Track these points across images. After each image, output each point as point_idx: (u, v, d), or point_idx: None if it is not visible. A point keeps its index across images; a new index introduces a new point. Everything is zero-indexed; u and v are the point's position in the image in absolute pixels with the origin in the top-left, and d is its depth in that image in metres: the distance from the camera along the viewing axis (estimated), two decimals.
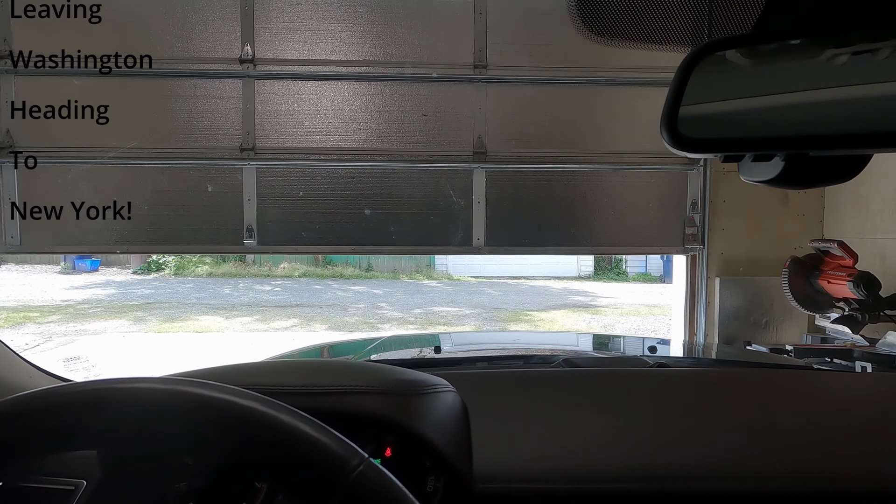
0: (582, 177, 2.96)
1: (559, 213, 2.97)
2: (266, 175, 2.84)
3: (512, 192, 2.93)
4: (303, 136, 2.84)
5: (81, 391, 0.46)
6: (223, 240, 2.86)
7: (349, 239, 2.91)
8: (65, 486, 0.59)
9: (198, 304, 9.60)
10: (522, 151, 2.90)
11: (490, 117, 2.86)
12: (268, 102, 2.82)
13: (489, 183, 2.90)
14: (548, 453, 0.67)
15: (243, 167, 2.80)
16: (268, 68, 2.80)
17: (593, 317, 9.20)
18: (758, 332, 3.08)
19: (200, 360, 5.28)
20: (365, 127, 2.86)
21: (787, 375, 1.02)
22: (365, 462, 0.42)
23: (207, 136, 2.79)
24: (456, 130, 2.87)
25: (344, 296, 11.23)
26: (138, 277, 13.65)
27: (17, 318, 7.86)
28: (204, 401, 0.45)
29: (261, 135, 2.81)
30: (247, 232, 2.81)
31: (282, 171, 2.86)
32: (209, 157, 2.80)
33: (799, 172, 0.48)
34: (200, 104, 2.79)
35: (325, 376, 0.72)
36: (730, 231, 3.10)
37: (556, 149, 2.90)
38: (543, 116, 2.91)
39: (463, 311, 9.61)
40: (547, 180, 2.94)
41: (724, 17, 0.64)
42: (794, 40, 0.47)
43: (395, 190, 2.89)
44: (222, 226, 2.83)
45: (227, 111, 2.79)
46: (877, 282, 2.21)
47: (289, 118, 2.83)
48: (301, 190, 2.86)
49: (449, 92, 2.86)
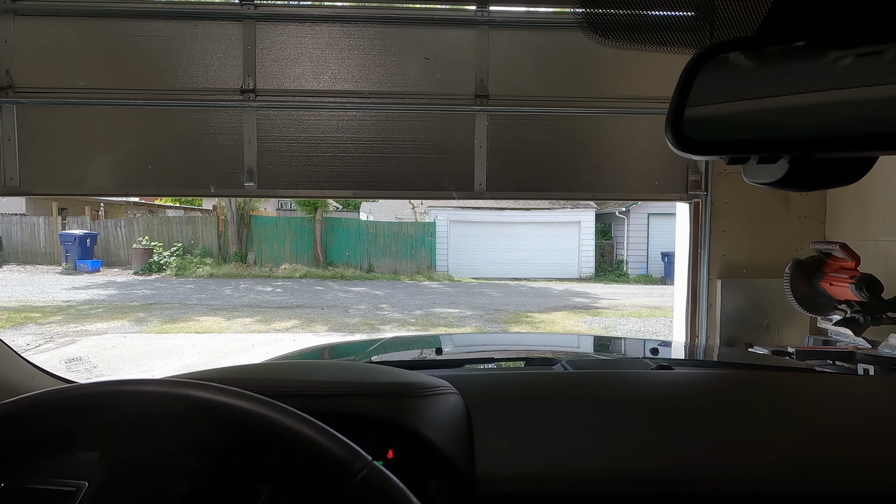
0: (585, 121, 2.94)
1: (561, 158, 2.95)
2: (266, 118, 2.83)
3: (514, 137, 2.91)
4: (304, 78, 2.83)
5: (84, 393, 0.46)
6: (223, 183, 2.85)
7: (349, 183, 2.90)
8: (66, 487, 0.58)
9: (199, 304, 9.60)
10: (525, 95, 2.88)
11: (493, 62, 2.84)
12: (269, 45, 2.80)
13: (491, 127, 2.88)
14: (550, 455, 0.67)
15: (244, 110, 2.80)
16: (269, 10, 2.79)
17: (594, 318, 9.19)
18: (759, 334, 3.07)
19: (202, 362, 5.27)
20: (366, 70, 2.84)
21: (789, 378, 1.02)
22: (369, 465, 0.42)
23: (208, 78, 2.78)
24: (458, 74, 2.85)
25: (345, 297, 11.23)
26: (139, 278, 13.66)
27: (18, 319, 7.87)
28: (207, 403, 0.45)
29: (261, 77, 2.80)
30: (247, 175, 2.81)
31: (282, 114, 2.85)
32: (209, 100, 2.79)
33: (804, 174, 0.47)
34: (201, 46, 2.77)
35: (327, 378, 0.72)
36: (731, 233, 3.09)
37: (559, 93, 2.87)
38: (546, 60, 2.88)
39: (464, 312, 9.60)
40: (549, 125, 2.92)
41: (726, 19, 0.64)
42: (799, 42, 0.47)
43: (397, 134, 2.88)
44: (222, 169, 2.83)
45: (227, 54, 2.78)
46: (879, 284, 2.20)
47: (290, 61, 2.82)
48: (302, 133, 2.85)
49: (451, 35, 2.85)
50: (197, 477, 0.57)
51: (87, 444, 0.49)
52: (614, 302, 11.32)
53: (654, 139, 2.92)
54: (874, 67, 0.43)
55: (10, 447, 0.45)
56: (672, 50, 0.63)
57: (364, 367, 0.84)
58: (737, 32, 0.63)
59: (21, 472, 0.58)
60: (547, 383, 0.88)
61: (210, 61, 2.78)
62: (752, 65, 0.47)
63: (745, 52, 0.47)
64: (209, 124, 2.81)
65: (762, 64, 0.47)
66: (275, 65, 2.81)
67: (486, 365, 1.23)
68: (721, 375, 1.08)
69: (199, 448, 0.51)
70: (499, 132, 2.90)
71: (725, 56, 0.46)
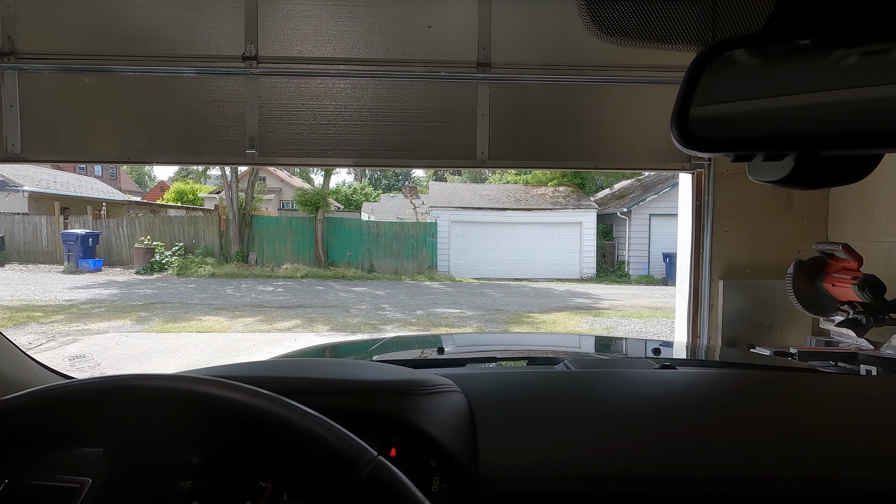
0: (588, 91, 2.91)
1: (564, 128, 2.92)
2: (268, 85, 2.82)
3: (516, 106, 2.88)
4: (306, 45, 2.81)
5: (88, 388, 0.46)
6: (225, 151, 2.83)
7: (351, 152, 2.87)
8: (70, 484, 0.59)
9: (200, 304, 9.62)
10: (527, 64, 2.85)
11: (496, 30, 2.82)
12: (271, 12, 2.78)
13: (493, 96, 2.86)
14: (554, 454, 0.67)
15: (246, 77, 2.78)
16: None
17: (595, 319, 9.19)
18: (761, 334, 3.06)
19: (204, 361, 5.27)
20: (369, 38, 2.82)
21: (792, 378, 1.01)
22: (376, 460, 0.42)
23: (210, 45, 2.76)
24: (461, 42, 2.82)
25: (346, 297, 11.24)
26: (141, 277, 13.69)
27: (20, 318, 7.88)
28: (211, 399, 0.45)
29: (263, 44, 2.78)
30: (248, 142, 2.79)
31: (284, 82, 2.83)
32: (211, 67, 2.77)
33: (809, 172, 0.47)
34: (203, 13, 2.75)
35: (331, 376, 0.72)
36: (733, 233, 3.09)
37: (562, 62, 2.84)
38: (549, 29, 2.84)
39: (465, 312, 9.60)
40: (552, 94, 2.89)
41: (729, 16, 0.64)
42: (805, 40, 0.47)
43: (399, 102, 2.86)
44: (224, 137, 2.81)
45: (229, 20, 2.76)
46: (882, 285, 2.19)
47: (292, 28, 2.79)
48: (304, 101, 2.83)
49: (454, 3, 2.82)
50: (200, 473, 0.57)
51: (90, 440, 0.49)
52: (616, 302, 11.32)
53: (657, 109, 2.89)
54: (881, 65, 0.43)
55: (14, 442, 0.45)
56: (676, 47, 0.63)
57: (368, 365, 0.84)
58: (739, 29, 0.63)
59: (26, 469, 0.59)
60: (550, 382, 0.88)
61: (212, 28, 2.75)
62: (758, 62, 0.47)
63: (750, 49, 0.47)
64: (211, 91, 2.79)
65: (768, 61, 0.47)
66: (277, 32, 2.78)
67: (489, 364, 1.23)
68: (724, 375, 1.07)
69: (203, 444, 0.51)
70: (501, 101, 2.87)
71: (731, 53, 0.46)
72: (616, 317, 9.38)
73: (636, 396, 0.83)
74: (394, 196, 29.02)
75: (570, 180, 19.98)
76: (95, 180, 25.48)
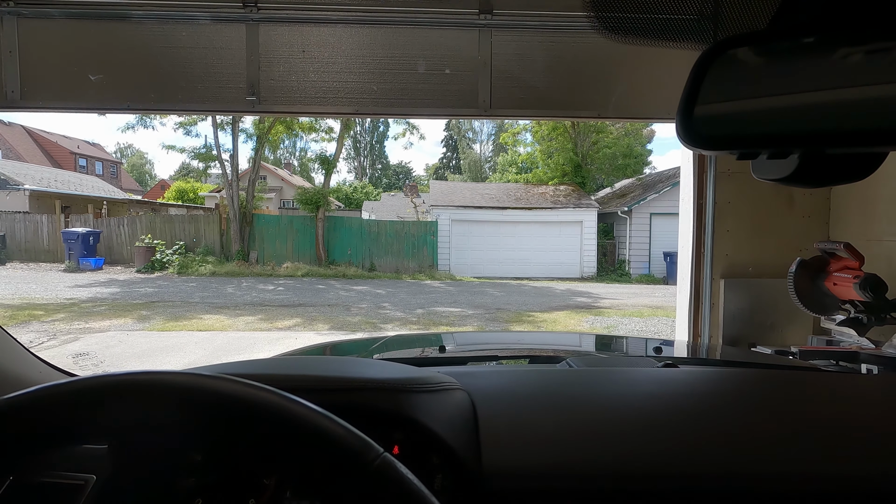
0: (592, 39, 2.83)
1: (567, 78, 2.86)
2: (268, 32, 2.78)
3: (519, 54, 2.83)
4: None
5: (93, 385, 0.46)
6: (224, 98, 2.80)
7: (351, 101, 2.84)
8: (75, 481, 0.59)
9: (201, 302, 9.63)
10: (530, 10, 2.78)
11: None
12: None
13: (496, 43, 2.81)
14: (556, 451, 0.67)
15: (245, 23, 2.74)
16: None
17: (596, 318, 9.19)
18: (763, 333, 3.06)
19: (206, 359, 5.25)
20: None
21: (794, 377, 1.01)
22: (382, 455, 0.42)
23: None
24: None
25: (346, 295, 11.25)
26: (142, 276, 13.70)
27: (21, 316, 7.89)
28: (217, 395, 0.45)
29: None
30: (249, 90, 2.76)
31: (284, 29, 2.79)
32: (211, 12, 2.73)
33: (813, 170, 0.47)
34: None
35: (335, 373, 0.72)
36: (735, 232, 3.08)
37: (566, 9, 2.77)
38: None
39: (465, 311, 9.61)
40: (555, 42, 2.83)
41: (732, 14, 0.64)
42: (809, 37, 0.47)
43: (399, 50, 2.82)
44: (225, 84, 2.78)
45: None
46: (883, 284, 2.19)
47: None
48: (304, 48, 2.79)
49: None
50: (203, 471, 0.57)
51: (95, 437, 0.49)
52: (616, 301, 11.32)
53: (660, 59, 2.81)
54: (886, 62, 0.43)
55: (19, 439, 0.45)
56: (681, 45, 0.63)
57: (371, 363, 0.84)
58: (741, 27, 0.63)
59: (29, 465, 0.59)
60: (552, 380, 0.88)
61: None
62: (762, 60, 0.47)
63: (755, 47, 0.46)
64: (211, 38, 2.76)
65: (773, 59, 0.47)
66: None
67: (490, 363, 1.23)
68: (726, 373, 1.08)
69: (207, 441, 0.51)
70: (504, 49, 2.81)
71: (735, 51, 0.46)
72: (617, 316, 9.38)
73: (638, 394, 0.83)
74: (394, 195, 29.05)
75: (570, 179, 19.98)
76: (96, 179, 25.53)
